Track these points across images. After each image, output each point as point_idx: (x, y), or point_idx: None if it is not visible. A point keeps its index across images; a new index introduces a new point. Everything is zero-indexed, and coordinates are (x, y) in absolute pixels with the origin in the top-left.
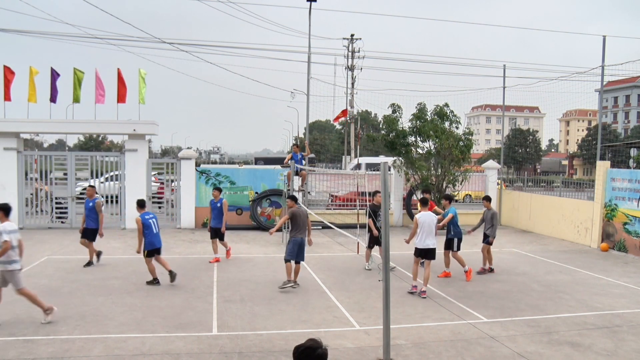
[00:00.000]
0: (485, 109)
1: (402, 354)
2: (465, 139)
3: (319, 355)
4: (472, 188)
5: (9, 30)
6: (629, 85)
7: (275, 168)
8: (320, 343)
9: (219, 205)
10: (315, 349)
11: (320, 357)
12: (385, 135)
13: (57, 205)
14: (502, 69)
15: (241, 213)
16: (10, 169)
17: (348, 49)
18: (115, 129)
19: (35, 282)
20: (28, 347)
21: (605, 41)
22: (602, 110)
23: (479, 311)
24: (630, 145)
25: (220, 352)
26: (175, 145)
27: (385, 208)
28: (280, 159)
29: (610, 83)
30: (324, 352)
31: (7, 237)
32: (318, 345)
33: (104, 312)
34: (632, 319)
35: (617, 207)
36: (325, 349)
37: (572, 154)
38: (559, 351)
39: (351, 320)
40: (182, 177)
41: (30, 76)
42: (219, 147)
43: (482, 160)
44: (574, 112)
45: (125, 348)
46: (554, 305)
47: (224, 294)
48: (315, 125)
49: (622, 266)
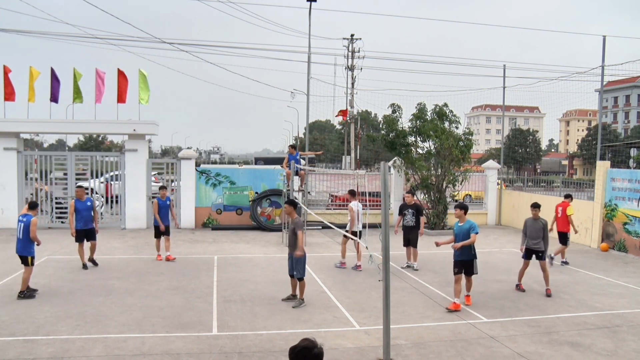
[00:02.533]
0: (485, 109)
1: (402, 354)
2: (465, 139)
3: (315, 354)
4: (472, 188)
5: (9, 30)
6: (629, 85)
7: (275, 168)
8: (315, 343)
9: (167, 203)
10: (311, 348)
11: (316, 356)
12: (385, 135)
13: (57, 205)
14: (502, 69)
15: (241, 213)
16: (10, 169)
17: (348, 49)
18: (115, 129)
19: (35, 282)
20: (28, 347)
21: (605, 41)
22: (602, 110)
23: (479, 311)
24: (630, 145)
25: (220, 352)
26: (175, 145)
27: (385, 208)
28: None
29: (610, 83)
30: (320, 352)
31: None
32: (314, 345)
33: (104, 312)
34: (632, 319)
35: (617, 207)
36: (320, 348)
37: (572, 154)
38: (559, 351)
39: (351, 320)
40: (182, 177)
41: (30, 76)
42: (219, 147)
43: (482, 160)
44: (574, 112)
45: (125, 348)
46: (554, 305)
47: (224, 294)
48: (315, 125)
49: (622, 266)
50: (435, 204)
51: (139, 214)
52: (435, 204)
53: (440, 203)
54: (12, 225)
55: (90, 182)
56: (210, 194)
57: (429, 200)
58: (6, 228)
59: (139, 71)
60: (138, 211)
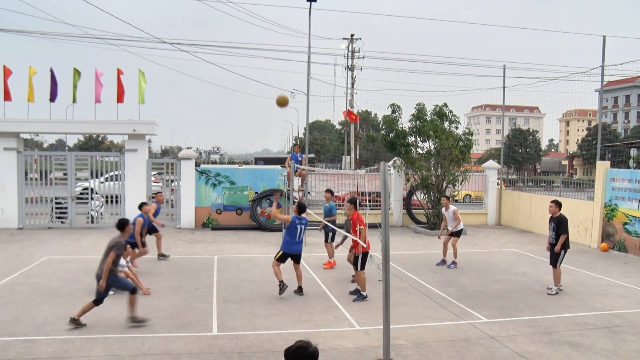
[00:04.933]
0: (485, 109)
1: (402, 354)
2: (465, 139)
3: (310, 354)
4: (472, 188)
5: (9, 30)
6: (629, 85)
7: (275, 168)
8: (310, 343)
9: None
10: (305, 348)
11: (311, 355)
12: (385, 135)
13: (57, 206)
14: (502, 69)
15: (241, 213)
16: (10, 169)
17: (348, 49)
18: (115, 129)
19: (35, 282)
20: (28, 347)
21: (605, 41)
22: (602, 110)
23: (479, 311)
24: (630, 145)
25: (220, 352)
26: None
27: (385, 208)
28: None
29: (610, 83)
30: (315, 351)
31: None
32: (308, 345)
33: (104, 312)
34: (632, 319)
35: (617, 207)
36: (315, 348)
37: (572, 154)
38: (559, 351)
39: (351, 320)
40: (182, 177)
41: (30, 76)
42: (219, 147)
43: (482, 160)
44: (574, 112)
45: (125, 348)
46: (554, 305)
47: (224, 294)
48: (315, 125)
49: (622, 266)
50: (435, 204)
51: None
52: (435, 204)
53: (440, 203)
54: (12, 225)
55: (90, 182)
56: (210, 194)
57: (429, 200)
58: (6, 228)
59: (139, 71)
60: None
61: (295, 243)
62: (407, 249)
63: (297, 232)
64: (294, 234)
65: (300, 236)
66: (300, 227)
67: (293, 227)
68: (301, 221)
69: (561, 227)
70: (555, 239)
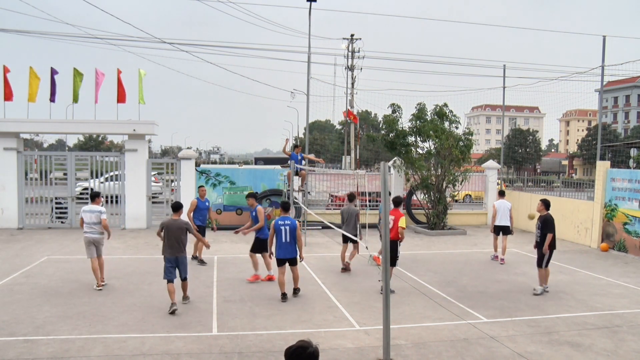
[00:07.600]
0: (485, 109)
1: (402, 354)
2: (465, 139)
3: (310, 353)
4: (472, 188)
5: (9, 30)
6: (629, 85)
7: (275, 168)
8: (310, 342)
9: (207, 205)
10: (305, 348)
11: (311, 355)
12: (385, 135)
13: (57, 206)
14: (502, 69)
15: (241, 213)
16: (10, 169)
17: (348, 49)
18: (115, 129)
19: (35, 282)
20: (28, 347)
21: (605, 41)
22: (602, 110)
23: (479, 311)
24: (630, 145)
25: (220, 352)
26: (175, 145)
27: (385, 208)
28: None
29: (610, 83)
30: (315, 351)
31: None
32: (308, 345)
33: (104, 312)
34: (632, 319)
35: (617, 207)
36: (315, 348)
37: (572, 154)
38: (559, 351)
39: (351, 320)
40: (182, 177)
41: (30, 76)
42: (219, 147)
43: (482, 160)
44: (574, 112)
45: (125, 348)
46: (554, 305)
47: (224, 294)
48: (315, 125)
49: (622, 266)
50: (435, 204)
51: (138, 214)
52: (435, 204)
53: (440, 203)
54: (12, 225)
55: (90, 182)
56: (210, 194)
57: (429, 201)
58: (6, 228)
59: (139, 71)
60: (138, 211)
61: (283, 246)
62: (407, 249)
63: (281, 233)
64: (279, 237)
65: (285, 238)
66: (284, 228)
67: (277, 229)
68: (284, 221)
69: (547, 227)
70: (540, 238)
